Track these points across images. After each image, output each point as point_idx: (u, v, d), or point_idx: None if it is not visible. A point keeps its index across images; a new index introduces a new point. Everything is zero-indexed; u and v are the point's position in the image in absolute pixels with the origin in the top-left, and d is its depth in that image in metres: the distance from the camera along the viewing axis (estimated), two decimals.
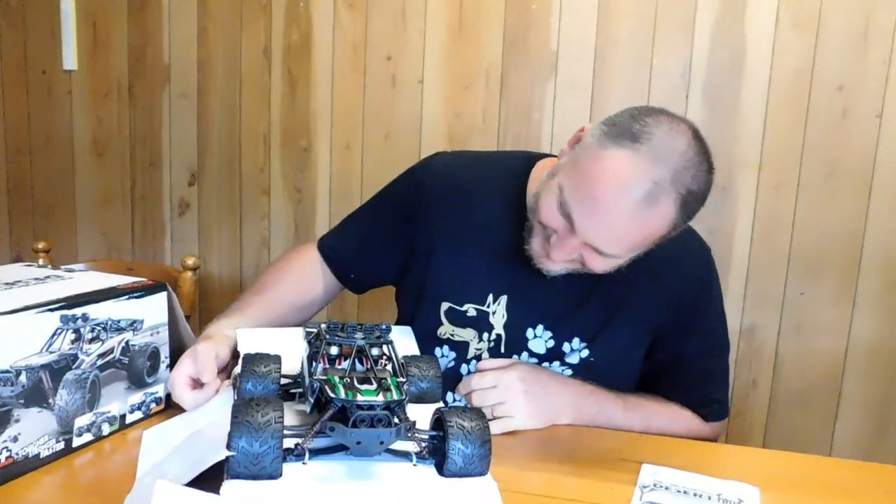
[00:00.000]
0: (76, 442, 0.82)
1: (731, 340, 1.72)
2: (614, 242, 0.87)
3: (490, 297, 1.02)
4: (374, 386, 0.67)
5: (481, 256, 1.03)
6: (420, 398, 0.83)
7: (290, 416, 0.73)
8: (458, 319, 1.03)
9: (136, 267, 1.51)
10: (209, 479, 0.64)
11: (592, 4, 1.73)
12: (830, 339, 1.67)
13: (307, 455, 0.66)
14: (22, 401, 0.75)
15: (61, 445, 0.80)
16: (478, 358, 1.03)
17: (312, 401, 0.70)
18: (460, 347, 1.03)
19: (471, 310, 1.02)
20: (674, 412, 1.01)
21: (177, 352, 0.99)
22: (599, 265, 0.90)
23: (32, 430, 0.76)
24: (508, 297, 1.01)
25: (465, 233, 1.04)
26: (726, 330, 1.11)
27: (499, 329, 1.02)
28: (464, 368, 1.04)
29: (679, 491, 0.79)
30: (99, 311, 0.83)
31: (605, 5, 1.72)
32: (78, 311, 0.80)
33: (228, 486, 0.62)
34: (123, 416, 0.88)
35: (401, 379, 0.70)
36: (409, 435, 0.67)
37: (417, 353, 0.98)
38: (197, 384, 0.90)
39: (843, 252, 1.64)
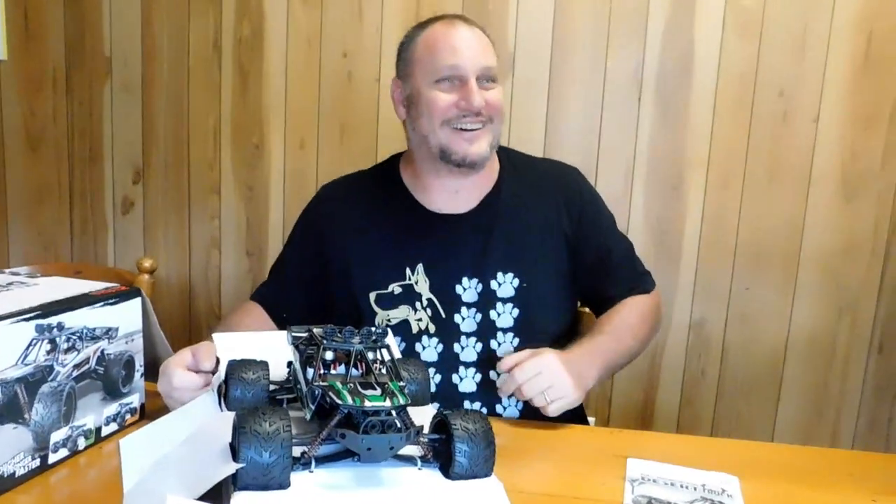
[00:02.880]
0: (52, 458, 0.78)
1: (682, 332, 1.80)
2: (484, 49, 1.08)
3: (408, 270, 1.12)
4: (379, 391, 0.66)
5: (387, 241, 1.14)
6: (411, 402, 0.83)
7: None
8: (389, 301, 1.11)
9: (83, 269, 1.43)
10: (210, 491, 0.62)
11: (548, 7, 1.76)
12: (773, 328, 1.76)
13: (314, 463, 0.65)
14: None
15: (37, 463, 0.76)
16: (424, 332, 1.10)
17: (314, 408, 0.69)
18: (402, 328, 1.10)
19: (395, 288, 1.11)
20: (631, 305, 1.15)
21: (151, 360, 0.96)
22: (494, 93, 1.08)
23: (7, 448, 0.72)
24: (423, 263, 1.11)
25: (367, 230, 1.15)
26: (614, 221, 1.27)
27: (427, 294, 1.11)
28: (418, 347, 1.10)
29: (667, 483, 0.82)
30: (74, 320, 0.79)
31: (560, 8, 1.75)
32: (53, 321, 0.76)
33: (238, 498, 0.60)
34: (99, 429, 0.84)
35: (402, 383, 0.70)
36: (416, 439, 0.67)
37: (399, 355, 0.98)
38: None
39: (784, 246, 1.74)
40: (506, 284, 1.11)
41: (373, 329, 0.76)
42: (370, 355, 0.73)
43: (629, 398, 1.83)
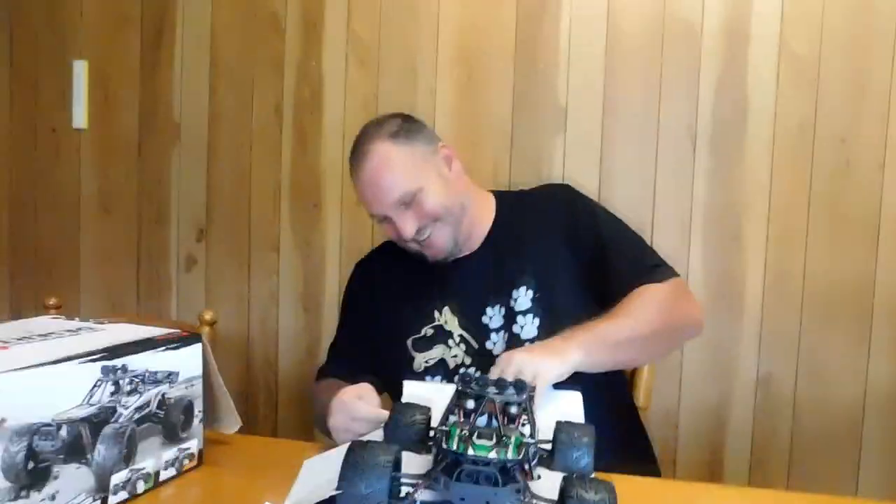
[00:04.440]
0: (112, 500, 0.78)
1: (748, 389, 1.72)
2: (389, 184, 1.15)
3: (436, 313, 1.21)
4: (492, 441, 0.62)
5: (413, 292, 1.25)
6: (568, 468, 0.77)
7: (416, 465, 0.70)
8: (424, 345, 1.20)
9: (149, 324, 1.47)
10: None
11: (599, 64, 1.78)
12: (847, 384, 1.66)
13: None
14: (62, 456, 0.72)
15: None
16: (461, 365, 1.18)
17: (435, 451, 0.68)
18: (440, 365, 1.19)
19: (427, 330, 1.21)
20: (634, 293, 1.11)
21: (209, 406, 0.97)
22: (424, 205, 1.15)
23: (71, 488, 0.73)
24: (448, 304, 1.21)
25: (396, 287, 1.28)
26: (620, 221, 1.28)
27: (458, 331, 1.20)
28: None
29: None
30: (137, 363, 0.81)
31: (611, 63, 1.78)
32: (118, 362, 0.79)
33: None
34: (157, 473, 0.85)
35: (527, 440, 0.66)
36: (522, 499, 0.62)
37: (581, 420, 0.92)
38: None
39: (855, 299, 1.66)
40: (522, 298, 1.17)
41: (514, 382, 0.75)
42: (513, 409, 0.70)
43: (694, 456, 1.75)
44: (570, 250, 1.19)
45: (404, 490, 0.63)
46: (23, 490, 0.68)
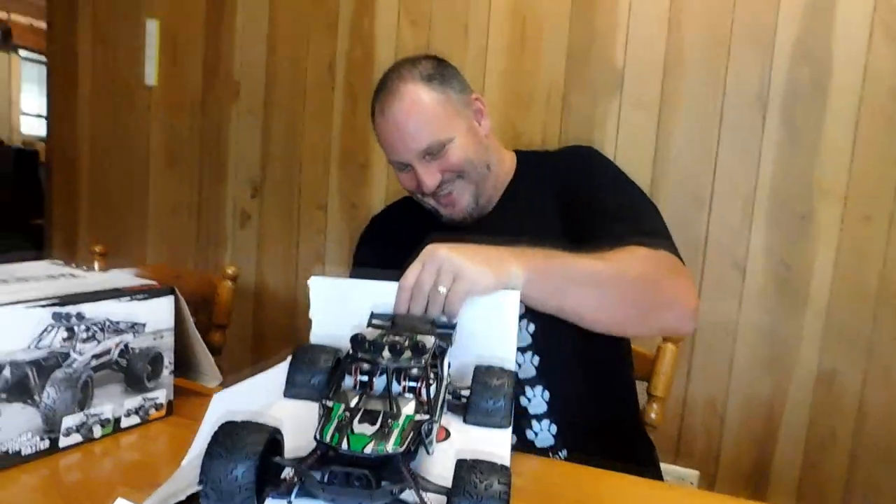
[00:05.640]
0: (63, 442, 0.80)
1: (806, 386, 1.55)
2: (418, 130, 1.03)
3: None
4: (375, 427, 0.54)
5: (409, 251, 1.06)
6: (482, 421, 0.72)
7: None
8: None
9: (183, 274, 1.53)
10: None
11: (662, 17, 1.63)
12: None
13: (294, 493, 0.54)
14: (4, 395, 0.74)
15: (46, 444, 0.78)
16: None
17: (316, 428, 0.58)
18: None
19: None
20: (626, 249, 0.91)
21: (189, 360, 0.98)
22: (449, 156, 1.04)
23: (14, 426, 0.75)
24: None
25: (408, 243, 1.06)
26: (635, 188, 1.08)
27: None
28: None
29: None
30: (96, 311, 0.82)
31: (675, 18, 1.62)
32: (72, 309, 0.80)
33: None
34: (118, 420, 0.86)
35: (419, 417, 0.56)
36: (397, 495, 0.54)
37: (513, 329, 0.80)
38: None
39: None
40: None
41: (433, 322, 0.69)
42: (414, 371, 0.61)
43: (741, 456, 1.61)
44: (568, 221, 1.04)
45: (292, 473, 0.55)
46: None
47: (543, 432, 0.99)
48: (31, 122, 5.24)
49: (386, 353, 0.62)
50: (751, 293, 1.58)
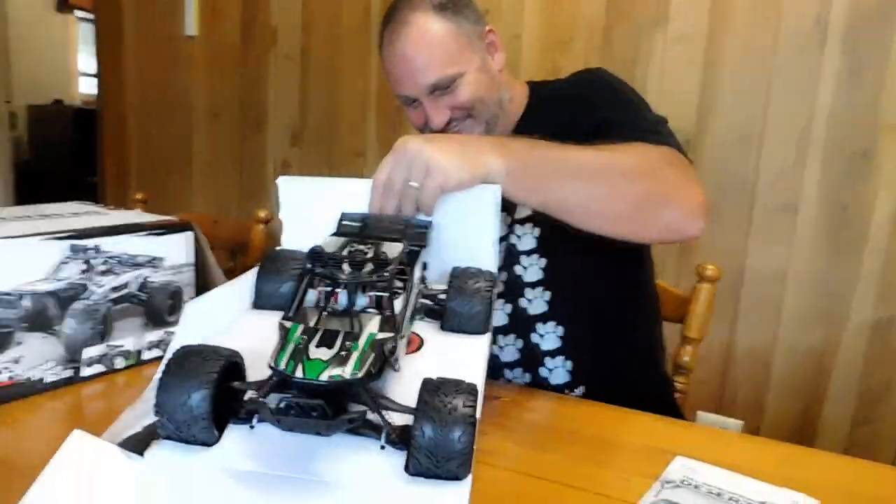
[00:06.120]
0: (85, 371, 0.82)
1: (860, 334, 1.47)
2: (427, 63, 0.97)
3: None
4: (333, 352, 0.49)
5: None
6: (459, 327, 0.68)
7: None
8: None
9: (220, 220, 1.55)
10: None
11: None
12: None
13: (255, 418, 0.52)
14: (25, 324, 0.76)
15: (68, 373, 0.81)
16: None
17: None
18: None
19: None
20: (632, 145, 0.83)
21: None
22: (458, 93, 0.98)
23: (36, 355, 0.77)
24: None
25: None
26: (643, 104, 1.00)
27: None
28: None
29: (711, 492, 0.65)
30: (113, 245, 0.83)
31: None
32: (89, 242, 0.81)
33: (152, 452, 0.52)
34: (139, 352, 0.88)
35: (382, 336, 0.52)
36: (358, 420, 0.50)
37: (491, 227, 0.74)
38: None
39: None
40: (526, 237, 0.98)
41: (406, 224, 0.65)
42: (378, 286, 0.57)
43: (787, 407, 1.55)
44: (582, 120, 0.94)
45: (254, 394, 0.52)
46: None
47: (558, 369, 0.97)
48: (90, 83, 5.39)
49: (346, 267, 0.57)
50: (803, 236, 1.50)
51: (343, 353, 0.49)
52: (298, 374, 0.48)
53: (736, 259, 1.55)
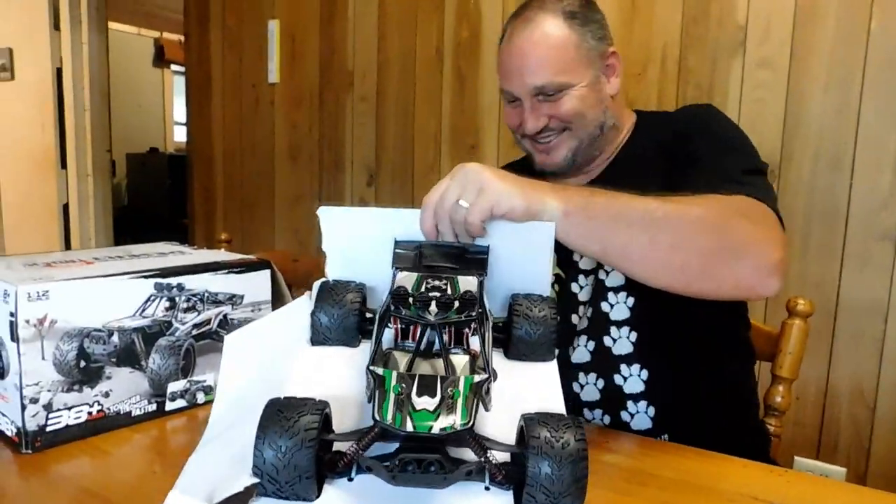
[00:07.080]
0: (169, 406, 0.85)
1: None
2: (540, 64, 0.96)
3: None
4: (436, 401, 0.48)
5: None
6: (525, 354, 0.67)
7: (348, 365, 0.59)
8: None
9: (300, 258, 1.59)
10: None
11: None
12: None
13: (354, 470, 0.52)
14: (114, 359, 0.79)
15: (153, 407, 0.84)
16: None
17: (368, 392, 0.54)
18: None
19: None
20: (704, 196, 0.79)
21: None
22: (562, 104, 0.97)
23: (124, 389, 0.81)
24: None
25: None
26: (744, 138, 0.97)
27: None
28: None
29: None
30: (195, 283, 0.86)
31: None
32: (172, 281, 0.84)
33: None
34: None
35: (478, 379, 0.50)
36: (474, 470, 0.51)
37: (547, 262, 0.73)
38: None
39: None
40: (616, 272, 0.93)
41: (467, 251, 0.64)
42: (464, 330, 0.57)
43: (893, 450, 1.43)
44: (669, 182, 0.87)
45: (345, 445, 0.53)
46: (76, 385, 0.77)
47: (640, 414, 0.92)
48: (183, 131, 5.75)
49: (433, 308, 0.57)
50: None
51: (447, 399, 0.48)
52: (409, 426, 0.47)
53: (829, 291, 1.46)
